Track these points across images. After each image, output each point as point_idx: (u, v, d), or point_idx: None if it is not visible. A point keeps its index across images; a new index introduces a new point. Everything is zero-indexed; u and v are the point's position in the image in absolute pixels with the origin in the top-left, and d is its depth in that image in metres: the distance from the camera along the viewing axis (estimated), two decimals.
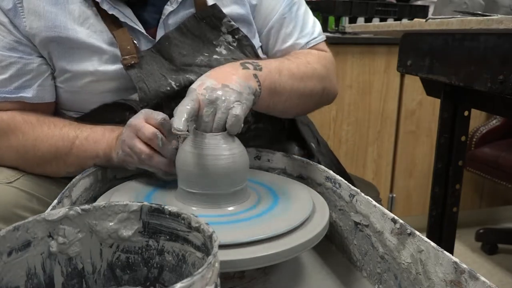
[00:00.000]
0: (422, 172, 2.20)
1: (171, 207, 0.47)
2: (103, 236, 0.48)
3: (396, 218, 0.56)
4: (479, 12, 1.08)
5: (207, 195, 0.62)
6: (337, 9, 1.98)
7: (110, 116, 0.79)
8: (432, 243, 0.50)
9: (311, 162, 0.77)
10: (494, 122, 2.18)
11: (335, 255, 0.70)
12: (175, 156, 0.65)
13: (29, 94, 0.78)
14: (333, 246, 0.72)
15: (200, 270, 0.35)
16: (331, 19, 2.10)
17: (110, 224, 0.48)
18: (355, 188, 0.65)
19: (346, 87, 2.01)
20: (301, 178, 0.79)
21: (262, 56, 0.89)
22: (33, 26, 0.75)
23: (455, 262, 0.47)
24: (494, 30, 0.88)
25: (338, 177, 0.70)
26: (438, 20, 1.02)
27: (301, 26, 0.90)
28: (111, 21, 0.77)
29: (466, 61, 1.01)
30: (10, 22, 0.75)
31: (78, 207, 0.47)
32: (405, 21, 1.51)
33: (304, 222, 0.60)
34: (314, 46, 0.92)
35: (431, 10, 1.99)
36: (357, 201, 0.64)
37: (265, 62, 0.76)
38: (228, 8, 0.83)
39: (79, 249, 0.48)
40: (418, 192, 2.22)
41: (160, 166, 0.67)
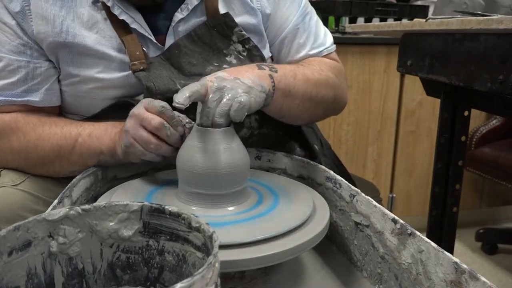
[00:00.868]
0: (422, 172, 2.20)
1: (172, 207, 0.47)
2: (104, 236, 0.48)
3: (396, 218, 0.56)
4: (479, 12, 1.08)
5: (208, 195, 0.62)
6: (337, 9, 1.98)
7: (116, 115, 0.78)
8: (432, 243, 0.50)
9: (312, 162, 0.77)
10: (494, 122, 2.18)
11: (336, 255, 0.70)
12: (180, 142, 0.65)
13: (36, 98, 0.77)
14: (333, 246, 0.72)
15: (200, 270, 0.35)
16: (331, 19, 2.10)
17: (111, 224, 0.48)
18: (356, 188, 0.65)
19: None
20: (301, 178, 0.79)
21: None
22: (40, 31, 0.74)
23: (456, 263, 0.47)
24: (494, 30, 0.88)
25: (339, 177, 0.70)
26: (438, 20, 1.02)
27: (314, 37, 0.91)
28: (121, 26, 0.76)
29: (466, 61, 1.01)
30: (18, 25, 0.74)
31: (78, 207, 0.47)
32: (405, 21, 1.51)
33: (304, 222, 0.60)
34: (326, 56, 0.92)
35: (431, 10, 1.99)
36: (357, 201, 0.64)
37: (280, 66, 0.77)
38: (240, 17, 0.82)
39: (80, 249, 0.48)
40: (418, 192, 2.22)
41: (166, 154, 0.67)
